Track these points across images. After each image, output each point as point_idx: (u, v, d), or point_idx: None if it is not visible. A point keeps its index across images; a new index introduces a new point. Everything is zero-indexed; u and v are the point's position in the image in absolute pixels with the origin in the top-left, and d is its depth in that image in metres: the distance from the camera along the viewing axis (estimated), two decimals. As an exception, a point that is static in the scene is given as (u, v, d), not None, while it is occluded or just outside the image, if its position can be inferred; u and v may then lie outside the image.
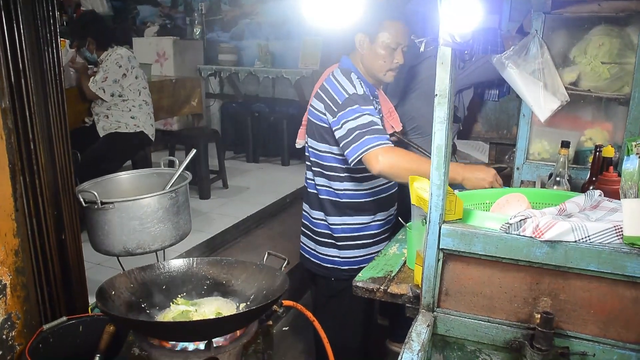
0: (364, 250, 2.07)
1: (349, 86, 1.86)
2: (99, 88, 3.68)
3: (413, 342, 1.20)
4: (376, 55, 1.92)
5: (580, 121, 2.06)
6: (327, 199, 2.04)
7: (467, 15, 1.12)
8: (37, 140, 1.52)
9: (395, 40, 1.89)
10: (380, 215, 2.07)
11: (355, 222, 2.04)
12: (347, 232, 2.05)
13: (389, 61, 1.92)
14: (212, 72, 6.33)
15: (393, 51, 1.91)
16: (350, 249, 2.06)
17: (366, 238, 2.06)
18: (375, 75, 1.98)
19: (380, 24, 1.89)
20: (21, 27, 1.45)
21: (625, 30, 1.86)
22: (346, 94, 1.84)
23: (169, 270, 1.54)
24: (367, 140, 1.75)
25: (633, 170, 1.12)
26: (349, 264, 2.07)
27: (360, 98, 1.83)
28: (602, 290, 1.14)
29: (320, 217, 2.08)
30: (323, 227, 2.09)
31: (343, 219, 2.03)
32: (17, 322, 1.48)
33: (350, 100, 1.82)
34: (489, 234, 1.19)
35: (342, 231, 2.05)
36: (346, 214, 2.03)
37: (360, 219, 2.04)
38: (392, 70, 1.95)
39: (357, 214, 2.03)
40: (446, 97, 1.16)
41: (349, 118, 1.79)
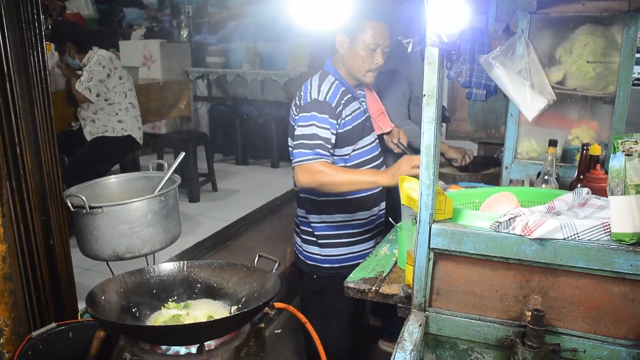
0: (345, 248, 2.07)
1: (315, 91, 1.91)
2: (85, 88, 3.65)
3: (405, 341, 1.20)
4: (356, 56, 1.92)
5: (567, 120, 2.08)
6: (306, 196, 2.06)
7: (454, 16, 1.13)
8: (24, 145, 1.50)
9: (374, 40, 1.89)
10: (362, 214, 2.06)
11: (334, 220, 2.04)
12: (326, 229, 2.06)
13: (367, 62, 1.92)
14: (200, 75, 6.30)
15: (372, 52, 1.91)
16: (330, 247, 2.07)
17: (347, 237, 2.06)
18: (355, 75, 1.98)
19: (360, 25, 1.89)
20: (5, 30, 1.44)
21: (609, 29, 1.89)
22: (309, 98, 1.90)
23: (159, 274, 1.53)
24: (300, 153, 1.82)
25: (619, 168, 1.13)
26: (330, 261, 2.08)
27: (319, 105, 1.86)
28: (591, 287, 1.15)
29: (302, 215, 2.11)
30: (305, 225, 2.11)
31: (322, 217, 2.04)
32: (5, 329, 1.46)
33: (309, 106, 1.88)
34: (478, 233, 1.20)
35: (321, 229, 2.06)
36: (325, 212, 2.04)
37: (339, 217, 2.04)
38: (371, 71, 1.95)
39: (336, 211, 2.04)
40: (434, 97, 1.17)
41: (302, 123, 1.87)
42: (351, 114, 1.95)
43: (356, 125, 1.97)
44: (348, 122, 1.94)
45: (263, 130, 5.96)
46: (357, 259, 2.01)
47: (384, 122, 2.10)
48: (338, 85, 1.94)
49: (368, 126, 2.03)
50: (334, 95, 1.91)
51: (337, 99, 1.92)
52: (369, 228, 2.10)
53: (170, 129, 6.06)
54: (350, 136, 1.96)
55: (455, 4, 1.12)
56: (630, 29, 1.84)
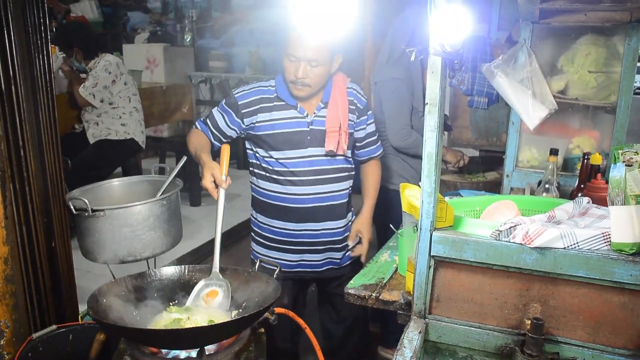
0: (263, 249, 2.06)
1: (238, 87, 1.98)
2: (89, 94, 3.67)
3: (405, 348, 1.20)
4: (284, 67, 1.87)
5: (569, 129, 2.09)
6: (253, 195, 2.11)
7: (457, 26, 1.14)
8: (28, 147, 1.51)
9: (292, 52, 1.80)
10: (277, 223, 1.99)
11: (257, 218, 2.07)
12: (254, 225, 2.10)
13: (289, 74, 1.84)
14: (202, 79, 6.32)
15: (293, 64, 1.82)
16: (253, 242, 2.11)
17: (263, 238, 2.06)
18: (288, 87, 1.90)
19: (287, 36, 1.83)
20: (12, 33, 1.45)
21: (611, 40, 1.90)
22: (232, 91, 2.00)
23: (160, 278, 1.53)
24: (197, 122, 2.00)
25: (620, 178, 1.14)
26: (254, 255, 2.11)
27: (229, 98, 1.95)
28: (591, 296, 1.16)
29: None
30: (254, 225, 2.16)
31: (254, 213, 2.08)
32: (6, 330, 1.46)
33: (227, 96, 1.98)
34: (479, 241, 1.20)
35: (252, 223, 2.11)
36: (253, 208, 2.08)
37: (259, 217, 2.05)
38: (293, 83, 1.85)
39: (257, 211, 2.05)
40: (437, 106, 1.18)
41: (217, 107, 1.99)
42: (274, 120, 1.89)
43: (282, 133, 1.89)
44: (266, 127, 1.89)
45: (265, 135, 5.96)
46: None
47: (331, 140, 1.91)
48: (265, 90, 1.92)
49: (309, 139, 1.91)
50: (247, 96, 1.91)
51: (250, 100, 1.90)
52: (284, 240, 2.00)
53: (173, 133, 6.07)
54: (272, 141, 1.89)
55: (459, 14, 1.13)
56: (631, 39, 1.85)
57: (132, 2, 7.20)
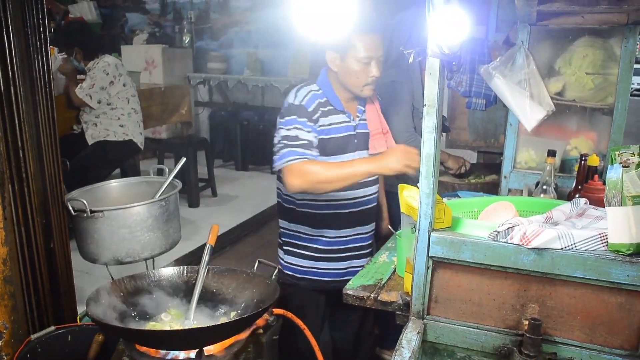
0: (308, 261, 1.99)
1: (292, 97, 1.87)
2: (86, 95, 3.67)
3: (403, 349, 1.21)
4: (350, 72, 1.84)
5: (566, 130, 2.09)
6: (278, 200, 2.04)
7: (455, 27, 1.14)
8: (27, 148, 1.52)
9: (367, 54, 1.80)
10: (329, 232, 1.96)
11: (298, 230, 1.98)
12: (291, 237, 2.00)
13: (362, 76, 1.84)
14: (201, 80, 6.33)
15: (366, 65, 1.82)
16: (292, 255, 2.01)
17: (312, 250, 1.98)
18: (352, 91, 1.90)
19: (349, 40, 1.81)
20: (11, 34, 1.45)
21: (608, 42, 1.91)
22: (287, 104, 1.86)
23: (158, 279, 1.54)
24: (285, 154, 1.76)
25: (617, 179, 1.14)
26: (291, 269, 2.02)
27: (297, 109, 1.82)
28: (588, 297, 1.16)
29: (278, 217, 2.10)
30: (280, 228, 2.09)
31: (290, 225, 2.00)
32: (5, 331, 1.47)
33: (287, 110, 1.84)
34: (477, 242, 1.21)
35: (287, 235, 2.02)
36: (293, 220, 1.99)
37: (304, 229, 1.97)
38: (368, 84, 1.86)
39: (304, 223, 1.97)
40: (435, 107, 1.18)
41: (282, 127, 1.83)
42: (329, 125, 1.88)
43: (334, 139, 1.88)
44: (324, 132, 1.87)
45: (263, 137, 5.98)
46: (320, 275, 1.98)
47: (378, 142, 1.95)
48: (318, 95, 1.88)
49: (355, 143, 1.92)
50: (310, 102, 1.85)
51: (314, 105, 1.85)
52: (337, 248, 1.99)
53: (171, 134, 6.07)
54: (325, 147, 1.87)
55: (457, 16, 1.14)
56: (628, 41, 1.86)
57: (130, 4, 7.19)
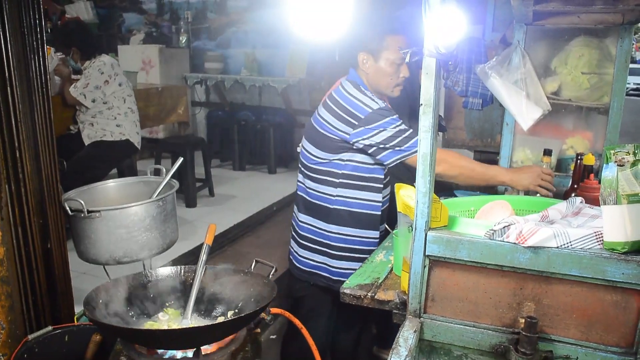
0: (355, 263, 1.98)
1: (371, 102, 1.88)
2: (80, 94, 3.66)
3: (400, 347, 1.21)
4: (382, 73, 1.90)
5: (562, 130, 2.10)
6: (303, 197, 2.03)
7: (452, 27, 1.15)
8: (23, 148, 1.51)
9: (399, 55, 1.85)
10: (371, 233, 2.00)
11: (347, 233, 2.00)
12: (341, 242, 2.01)
13: (395, 77, 1.91)
14: (198, 80, 6.33)
15: (399, 67, 1.89)
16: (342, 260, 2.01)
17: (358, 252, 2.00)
18: (381, 92, 1.95)
19: (382, 41, 1.87)
20: (7, 35, 1.45)
21: (604, 41, 1.92)
22: (369, 109, 1.86)
23: (156, 279, 1.54)
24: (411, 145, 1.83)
25: (612, 178, 1.15)
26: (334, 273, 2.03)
27: (384, 111, 1.86)
28: (584, 295, 1.17)
29: (305, 221, 2.07)
30: (307, 231, 2.06)
31: (340, 229, 1.99)
32: (2, 332, 1.46)
33: (375, 116, 1.85)
34: (473, 241, 1.21)
35: (336, 240, 2.01)
36: (342, 223, 1.99)
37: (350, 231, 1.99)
38: (399, 85, 1.93)
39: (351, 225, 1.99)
40: (431, 107, 1.19)
41: (382, 128, 1.84)
42: None
43: None
44: None
45: (260, 136, 5.98)
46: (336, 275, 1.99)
47: None
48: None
49: None
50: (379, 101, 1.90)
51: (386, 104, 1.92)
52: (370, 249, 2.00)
53: (168, 134, 6.07)
54: None
55: (453, 16, 1.14)
56: (624, 41, 1.87)
57: (127, 4, 7.19)
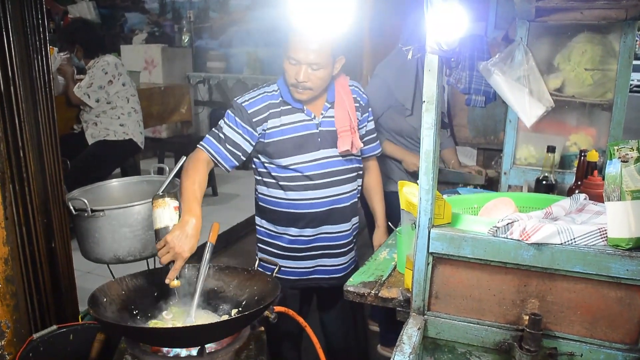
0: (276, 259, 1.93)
1: (243, 95, 1.88)
2: (84, 94, 3.67)
3: (404, 344, 1.21)
4: (285, 70, 1.81)
5: (565, 126, 2.10)
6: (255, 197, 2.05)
7: (454, 24, 1.14)
8: (27, 148, 1.52)
9: (294, 55, 1.74)
10: (292, 231, 1.92)
11: (263, 226, 1.98)
12: (262, 234, 2.00)
13: (291, 77, 1.78)
14: (200, 80, 6.34)
15: (294, 67, 1.76)
16: (262, 252, 2.00)
17: (277, 248, 1.96)
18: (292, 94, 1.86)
19: (286, 39, 1.78)
20: (10, 34, 1.46)
21: (607, 37, 1.91)
22: (235, 99, 1.88)
23: (160, 277, 1.54)
24: (204, 139, 1.84)
25: (616, 174, 1.14)
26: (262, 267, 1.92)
27: (237, 107, 1.84)
28: (588, 291, 1.16)
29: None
30: None
31: (261, 221, 2.00)
32: (7, 331, 1.47)
33: (231, 105, 1.87)
34: (477, 238, 1.21)
35: (259, 233, 2.02)
36: (263, 217, 1.98)
37: (268, 225, 1.96)
38: (294, 86, 1.80)
39: (266, 219, 1.96)
40: (434, 104, 1.18)
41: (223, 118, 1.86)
42: (283, 125, 1.84)
43: (291, 138, 1.84)
44: (275, 134, 1.84)
45: (263, 135, 5.98)
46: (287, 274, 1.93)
47: (343, 140, 1.86)
48: (271, 96, 1.85)
49: (319, 141, 1.86)
50: (254, 104, 1.83)
51: (259, 108, 1.83)
52: (300, 247, 1.95)
53: (171, 133, 6.08)
54: (282, 148, 1.84)
55: (455, 12, 1.14)
56: (627, 37, 1.86)
57: (129, 3, 7.19)
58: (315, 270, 1.97)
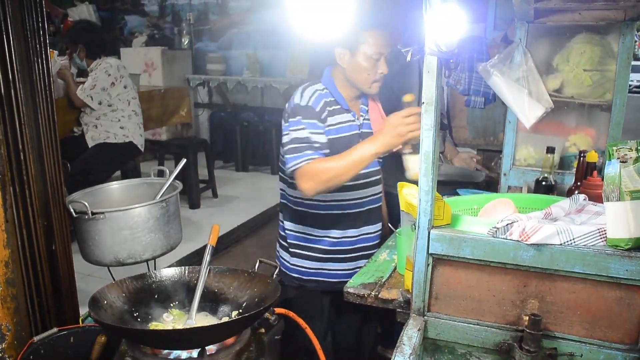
0: (315, 263, 1.99)
1: (298, 97, 1.86)
2: (87, 95, 3.68)
3: (404, 345, 1.21)
4: (359, 68, 1.85)
5: (565, 127, 2.10)
6: (284, 202, 2.03)
7: (453, 25, 1.15)
8: (27, 151, 1.52)
9: (376, 50, 1.81)
10: (335, 232, 1.96)
11: (306, 232, 1.98)
12: (298, 239, 2.00)
13: (372, 72, 1.86)
14: (200, 82, 6.35)
15: (376, 62, 1.84)
16: (299, 258, 2.00)
17: (318, 251, 1.98)
18: (360, 88, 1.91)
19: (359, 36, 1.83)
20: (11, 38, 1.46)
21: (605, 38, 1.91)
22: (293, 104, 1.86)
23: (160, 280, 1.54)
24: (291, 159, 1.77)
25: (615, 175, 1.15)
26: (298, 272, 2.02)
27: (302, 110, 1.82)
28: (587, 292, 1.17)
29: (280, 219, 2.08)
30: (281, 229, 2.07)
31: (297, 226, 1.99)
32: (7, 333, 1.47)
33: (293, 111, 1.84)
34: (476, 239, 1.22)
35: (294, 237, 2.01)
36: (299, 222, 1.98)
37: (311, 230, 1.97)
38: (376, 81, 1.88)
39: (310, 224, 1.97)
40: (433, 105, 1.19)
41: (291, 128, 1.82)
42: (336, 124, 1.89)
43: (341, 138, 1.88)
44: (332, 132, 1.87)
45: (263, 137, 5.99)
46: (327, 277, 1.97)
47: None
48: (324, 94, 1.89)
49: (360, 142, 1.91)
50: (317, 102, 1.86)
51: (321, 105, 1.86)
52: (343, 249, 1.99)
53: (171, 136, 6.09)
54: (335, 148, 1.86)
55: (454, 14, 1.15)
56: (626, 37, 1.87)
57: (129, 6, 7.22)
58: (354, 272, 1.97)
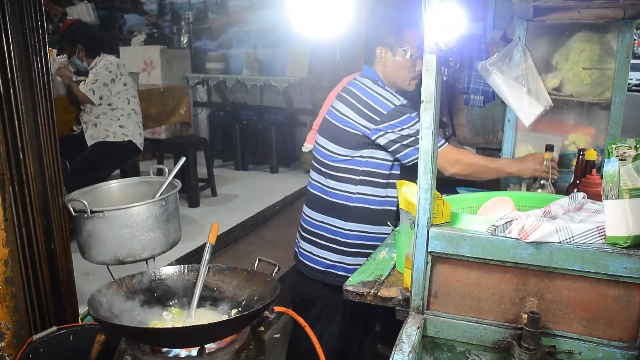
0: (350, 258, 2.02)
1: (393, 98, 1.90)
2: (89, 89, 3.70)
3: (404, 343, 1.21)
4: (400, 67, 1.93)
5: (564, 125, 2.10)
6: (321, 196, 2.03)
7: (452, 24, 1.15)
8: (26, 150, 1.52)
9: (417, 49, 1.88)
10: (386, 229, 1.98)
11: (365, 230, 2.00)
12: (352, 238, 2.01)
13: (412, 70, 1.94)
14: (199, 81, 6.34)
15: (415, 60, 1.91)
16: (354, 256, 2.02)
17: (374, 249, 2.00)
18: (398, 85, 1.98)
19: (400, 35, 1.90)
20: (10, 36, 1.46)
21: (605, 37, 1.92)
22: (391, 105, 1.88)
23: (160, 278, 1.55)
24: None
25: (614, 173, 1.15)
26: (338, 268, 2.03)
27: (405, 108, 1.88)
28: (586, 290, 1.17)
29: (321, 219, 2.06)
30: (323, 230, 2.05)
31: (359, 226, 2.00)
32: (7, 332, 1.47)
33: (396, 112, 1.87)
34: (476, 237, 1.22)
35: (348, 237, 2.01)
36: (361, 221, 2.00)
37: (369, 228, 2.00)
38: (415, 78, 1.95)
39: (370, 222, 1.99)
40: (432, 103, 1.19)
41: (403, 126, 1.87)
42: None
43: None
44: None
45: (262, 136, 5.99)
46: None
47: None
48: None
49: None
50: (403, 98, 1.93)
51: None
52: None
53: (170, 135, 6.08)
54: None
55: (453, 12, 1.15)
56: (625, 36, 1.87)
57: (128, 5, 7.21)
58: None
